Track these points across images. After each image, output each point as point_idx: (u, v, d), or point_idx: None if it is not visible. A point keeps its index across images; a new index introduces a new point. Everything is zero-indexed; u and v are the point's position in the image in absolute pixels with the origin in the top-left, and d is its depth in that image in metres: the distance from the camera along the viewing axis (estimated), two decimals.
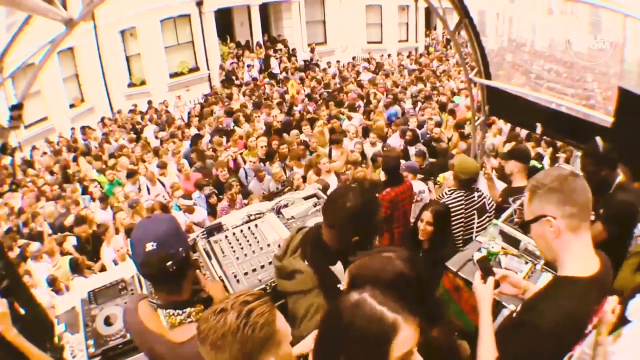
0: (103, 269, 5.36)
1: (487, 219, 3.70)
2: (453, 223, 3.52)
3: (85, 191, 7.82)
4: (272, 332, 1.18)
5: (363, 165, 6.99)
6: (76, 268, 5.25)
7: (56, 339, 2.34)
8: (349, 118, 9.21)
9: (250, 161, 7.20)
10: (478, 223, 3.68)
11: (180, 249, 1.47)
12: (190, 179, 7.12)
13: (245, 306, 1.17)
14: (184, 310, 1.49)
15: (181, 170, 7.43)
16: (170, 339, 1.48)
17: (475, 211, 3.68)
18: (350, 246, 1.83)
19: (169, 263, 1.43)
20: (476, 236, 3.06)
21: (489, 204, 3.79)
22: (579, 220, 1.42)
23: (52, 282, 5.00)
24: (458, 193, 3.66)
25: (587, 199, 1.43)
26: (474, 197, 3.69)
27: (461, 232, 3.67)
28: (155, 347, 1.52)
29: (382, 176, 4.61)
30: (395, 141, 7.85)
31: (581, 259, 1.45)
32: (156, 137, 10.48)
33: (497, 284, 1.71)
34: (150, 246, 1.42)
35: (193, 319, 1.49)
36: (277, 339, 1.20)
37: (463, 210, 3.65)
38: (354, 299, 1.10)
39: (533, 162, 5.59)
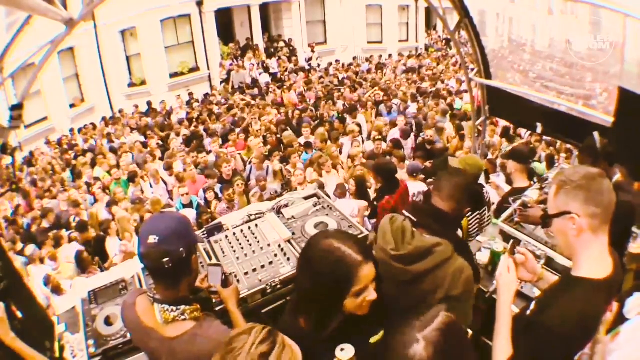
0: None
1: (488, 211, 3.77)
2: (469, 219, 3.55)
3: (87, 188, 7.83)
4: None
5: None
6: (82, 263, 5.22)
7: (56, 339, 2.34)
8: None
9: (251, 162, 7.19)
10: (487, 217, 3.72)
11: (181, 248, 1.47)
12: (196, 181, 7.09)
13: None
14: (179, 307, 1.49)
15: (186, 170, 7.40)
16: (162, 334, 1.49)
17: (485, 206, 3.73)
18: (463, 214, 2.22)
19: (165, 259, 1.44)
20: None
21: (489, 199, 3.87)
22: (601, 221, 1.42)
23: (48, 281, 4.96)
24: None
25: (611, 201, 1.43)
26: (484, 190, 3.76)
27: (476, 227, 3.68)
28: (149, 342, 1.54)
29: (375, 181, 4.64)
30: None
31: (597, 261, 1.45)
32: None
33: None
34: (152, 239, 1.44)
35: (187, 317, 1.49)
36: None
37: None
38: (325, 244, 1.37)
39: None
